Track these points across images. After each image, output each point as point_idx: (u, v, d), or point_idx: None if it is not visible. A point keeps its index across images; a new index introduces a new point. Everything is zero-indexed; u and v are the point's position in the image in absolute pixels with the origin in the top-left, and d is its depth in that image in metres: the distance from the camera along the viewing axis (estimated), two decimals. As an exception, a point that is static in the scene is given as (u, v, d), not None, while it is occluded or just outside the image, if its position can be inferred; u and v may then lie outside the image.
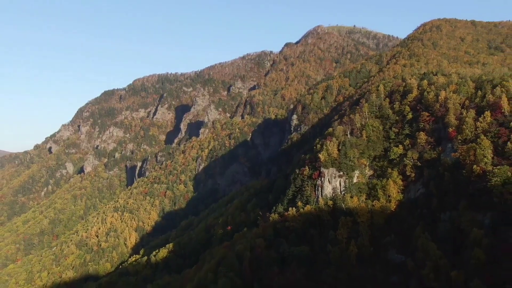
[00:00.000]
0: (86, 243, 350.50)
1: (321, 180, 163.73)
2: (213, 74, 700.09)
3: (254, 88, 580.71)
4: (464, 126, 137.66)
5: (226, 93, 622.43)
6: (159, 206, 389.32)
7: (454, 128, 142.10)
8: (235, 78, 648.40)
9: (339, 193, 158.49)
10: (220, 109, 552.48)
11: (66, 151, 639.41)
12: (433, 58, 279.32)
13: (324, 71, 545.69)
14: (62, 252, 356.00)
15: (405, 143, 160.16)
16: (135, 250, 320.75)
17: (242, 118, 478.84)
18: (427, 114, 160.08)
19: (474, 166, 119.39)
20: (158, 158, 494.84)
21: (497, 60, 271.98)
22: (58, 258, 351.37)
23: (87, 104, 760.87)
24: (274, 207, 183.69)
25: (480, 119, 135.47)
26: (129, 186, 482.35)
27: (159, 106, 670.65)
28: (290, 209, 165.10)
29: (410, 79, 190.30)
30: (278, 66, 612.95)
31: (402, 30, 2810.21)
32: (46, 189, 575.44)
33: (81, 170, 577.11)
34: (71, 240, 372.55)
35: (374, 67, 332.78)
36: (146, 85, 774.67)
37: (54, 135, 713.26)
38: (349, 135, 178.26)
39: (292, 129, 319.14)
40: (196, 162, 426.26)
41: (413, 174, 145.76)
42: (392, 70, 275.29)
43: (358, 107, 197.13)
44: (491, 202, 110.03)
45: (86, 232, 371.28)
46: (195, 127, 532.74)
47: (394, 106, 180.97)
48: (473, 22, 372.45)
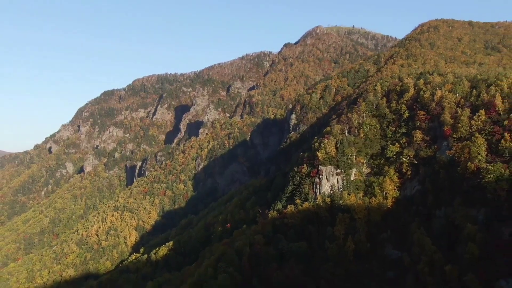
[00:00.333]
0: (87, 242, 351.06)
1: (319, 177, 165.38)
2: (212, 75, 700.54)
3: (253, 88, 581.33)
4: (459, 125, 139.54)
5: (225, 93, 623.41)
6: (159, 205, 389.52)
7: (449, 126, 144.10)
8: (234, 79, 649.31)
9: (337, 190, 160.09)
10: (219, 109, 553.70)
11: (66, 151, 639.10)
12: (430, 58, 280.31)
13: (323, 71, 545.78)
14: (62, 250, 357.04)
15: (401, 141, 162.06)
16: (135, 248, 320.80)
17: (241, 118, 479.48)
18: (423, 113, 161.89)
19: (469, 164, 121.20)
20: (158, 157, 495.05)
21: (493, 60, 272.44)
22: (58, 256, 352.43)
23: (87, 104, 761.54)
24: (273, 205, 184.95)
25: (474, 118, 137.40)
26: (129, 186, 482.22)
27: (159, 106, 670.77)
28: (288, 206, 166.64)
29: (407, 79, 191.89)
30: (277, 67, 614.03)
31: (401, 30, 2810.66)
32: (46, 188, 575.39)
33: (81, 170, 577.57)
34: (72, 239, 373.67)
35: (372, 67, 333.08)
36: (145, 85, 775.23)
37: (54, 135, 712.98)
38: (346, 134, 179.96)
39: (290, 128, 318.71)
40: (195, 161, 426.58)
41: (409, 172, 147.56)
42: (389, 70, 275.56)
43: (355, 106, 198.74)
44: (485, 198, 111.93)
45: (87, 231, 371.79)
46: (195, 127, 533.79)
47: (391, 105, 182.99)
48: (470, 23, 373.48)
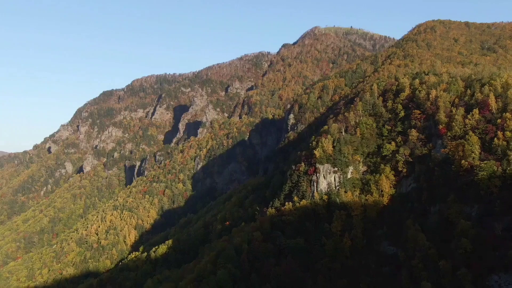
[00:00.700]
0: (86, 241, 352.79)
1: (316, 175, 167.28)
2: (211, 75, 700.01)
3: (251, 88, 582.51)
4: (453, 123, 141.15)
5: (224, 93, 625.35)
6: (158, 204, 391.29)
7: (444, 125, 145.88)
8: (233, 79, 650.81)
9: (334, 188, 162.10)
10: (218, 109, 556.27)
11: (65, 151, 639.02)
12: (427, 58, 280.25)
13: (320, 72, 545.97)
14: (62, 249, 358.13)
15: (397, 140, 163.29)
16: (135, 247, 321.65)
17: (240, 118, 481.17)
18: (419, 112, 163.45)
19: (463, 161, 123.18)
20: (157, 157, 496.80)
21: (489, 60, 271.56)
22: (58, 255, 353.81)
23: (86, 104, 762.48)
24: (271, 202, 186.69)
25: (468, 117, 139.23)
26: (128, 185, 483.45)
27: (158, 106, 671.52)
28: (286, 203, 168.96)
29: (403, 79, 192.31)
30: (276, 67, 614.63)
31: (399, 31, 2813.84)
32: (45, 188, 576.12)
33: (80, 170, 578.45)
34: (71, 238, 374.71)
35: (370, 68, 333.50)
36: (144, 85, 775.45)
37: (53, 135, 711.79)
38: (343, 133, 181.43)
39: (289, 128, 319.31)
40: (194, 161, 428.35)
41: (405, 170, 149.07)
42: (386, 70, 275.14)
43: (352, 106, 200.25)
44: (478, 195, 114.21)
45: (86, 230, 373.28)
46: (193, 127, 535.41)
47: (387, 104, 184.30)
48: (466, 24, 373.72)
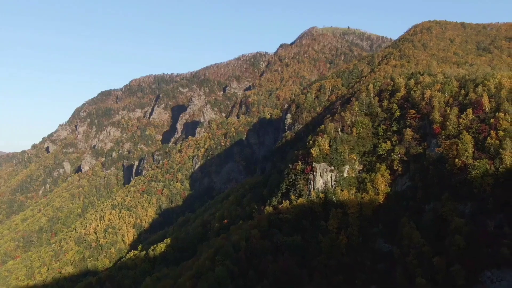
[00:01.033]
0: (85, 240, 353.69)
1: (313, 174, 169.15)
2: (208, 75, 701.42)
3: (249, 88, 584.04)
4: (447, 123, 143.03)
5: (221, 93, 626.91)
6: (156, 203, 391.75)
7: (438, 124, 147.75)
8: (231, 79, 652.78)
9: (330, 186, 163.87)
10: (215, 109, 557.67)
11: (64, 151, 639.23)
12: (423, 59, 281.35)
13: (318, 72, 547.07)
14: (61, 248, 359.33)
15: (392, 139, 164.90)
16: (133, 246, 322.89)
17: (238, 118, 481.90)
18: (414, 111, 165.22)
19: (456, 160, 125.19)
20: (155, 157, 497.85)
21: (484, 61, 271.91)
22: (57, 254, 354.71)
23: (84, 104, 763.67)
24: (268, 201, 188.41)
25: (462, 116, 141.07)
26: (126, 185, 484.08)
27: (156, 106, 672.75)
28: (283, 202, 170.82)
29: (398, 79, 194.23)
30: (273, 67, 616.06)
31: (396, 31, 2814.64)
32: (44, 188, 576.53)
33: (78, 169, 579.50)
34: (70, 237, 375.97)
35: (366, 68, 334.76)
36: (142, 85, 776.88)
37: (51, 135, 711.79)
38: (340, 132, 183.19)
39: (286, 128, 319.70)
40: (192, 161, 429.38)
41: (400, 168, 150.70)
42: (383, 71, 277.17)
43: (349, 106, 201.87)
44: (471, 193, 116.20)
45: (85, 229, 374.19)
46: (191, 127, 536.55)
47: (383, 104, 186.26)
48: (462, 24, 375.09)
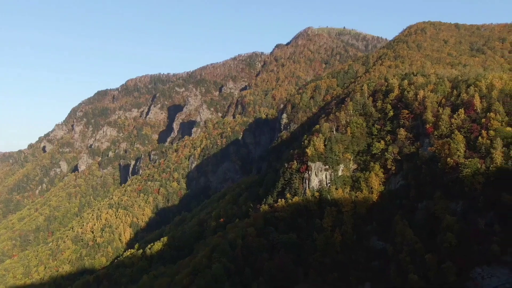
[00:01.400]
0: (82, 239, 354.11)
1: (308, 173, 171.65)
2: (205, 75, 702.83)
3: (245, 88, 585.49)
4: (440, 123, 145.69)
5: (217, 93, 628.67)
6: (153, 202, 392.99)
7: (431, 124, 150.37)
8: (227, 79, 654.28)
9: (325, 185, 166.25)
10: (212, 109, 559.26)
11: (60, 150, 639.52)
12: (417, 59, 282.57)
13: (313, 72, 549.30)
14: (58, 247, 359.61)
15: (386, 139, 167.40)
16: (130, 245, 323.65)
17: (234, 117, 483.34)
18: (407, 111, 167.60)
19: (448, 159, 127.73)
20: (152, 156, 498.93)
21: (478, 61, 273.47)
22: (54, 253, 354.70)
23: (81, 104, 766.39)
24: (264, 199, 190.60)
25: (454, 116, 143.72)
26: (123, 184, 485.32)
27: (152, 106, 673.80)
28: (279, 200, 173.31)
29: (392, 79, 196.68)
30: (269, 67, 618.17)
31: (392, 31, 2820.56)
32: (40, 187, 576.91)
33: (75, 169, 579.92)
34: (67, 235, 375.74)
35: (361, 68, 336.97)
36: (138, 85, 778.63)
37: (48, 135, 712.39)
38: (334, 132, 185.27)
39: (282, 127, 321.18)
40: (188, 160, 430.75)
41: (393, 167, 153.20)
42: (377, 71, 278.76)
43: (343, 106, 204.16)
44: (463, 191, 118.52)
45: (82, 228, 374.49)
46: (188, 127, 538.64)
47: (377, 104, 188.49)
48: (456, 25, 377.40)
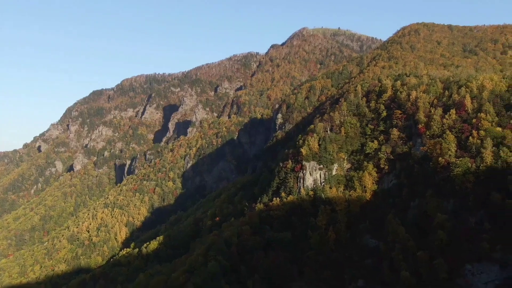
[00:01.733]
0: (78, 238, 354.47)
1: (303, 172, 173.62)
2: (200, 75, 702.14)
3: (240, 88, 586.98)
4: (432, 123, 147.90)
5: (213, 93, 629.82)
6: (148, 202, 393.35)
7: (423, 124, 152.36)
8: (222, 79, 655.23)
9: (319, 184, 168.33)
10: (207, 109, 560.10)
11: (56, 150, 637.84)
12: (410, 60, 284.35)
13: (308, 72, 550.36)
14: (54, 246, 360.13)
15: (379, 139, 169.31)
16: (126, 244, 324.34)
17: (229, 117, 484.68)
18: (400, 112, 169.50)
19: (440, 159, 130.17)
20: (147, 156, 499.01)
21: (470, 62, 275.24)
22: (50, 252, 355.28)
23: (76, 103, 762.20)
24: (259, 198, 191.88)
25: (446, 117, 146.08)
26: (118, 184, 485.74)
27: (147, 106, 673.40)
28: (274, 199, 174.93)
29: (385, 80, 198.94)
30: (264, 67, 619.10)
31: (387, 31, 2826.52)
32: (36, 187, 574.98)
33: (70, 168, 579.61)
34: (63, 235, 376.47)
35: (355, 69, 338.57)
36: (134, 85, 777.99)
37: (43, 134, 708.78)
38: (329, 131, 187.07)
39: (277, 127, 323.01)
40: (184, 160, 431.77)
41: (386, 167, 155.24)
42: (371, 72, 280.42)
43: (337, 106, 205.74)
44: (454, 190, 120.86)
45: (77, 227, 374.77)
46: (183, 127, 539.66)
47: (370, 104, 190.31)
48: (449, 27, 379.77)
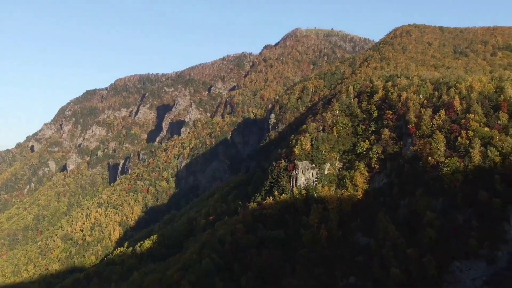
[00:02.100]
0: (71, 237, 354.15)
1: (295, 171, 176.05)
2: (193, 75, 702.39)
3: (234, 88, 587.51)
4: (422, 123, 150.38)
5: (206, 93, 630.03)
6: (142, 201, 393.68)
7: (413, 125, 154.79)
8: (216, 79, 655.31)
9: (312, 183, 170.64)
10: (201, 109, 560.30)
11: (49, 150, 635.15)
12: (402, 61, 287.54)
13: (301, 73, 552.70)
14: (47, 246, 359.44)
15: (371, 139, 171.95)
16: (119, 243, 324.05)
17: (223, 117, 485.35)
18: (391, 112, 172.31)
19: (429, 158, 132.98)
20: (141, 156, 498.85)
21: (461, 64, 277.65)
22: (43, 251, 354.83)
23: (69, 103, 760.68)
24: (253, 197, 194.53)
25: (436, 117, 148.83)
26: (112, 183, 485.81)
27: (141, 105, 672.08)
28: (267, 198, 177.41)
29: (377, 81, 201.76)
30: (258, 68, 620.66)
31: (379, 32, 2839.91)
32: (29, 186, 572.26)
33: (63, 168, 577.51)
34: (56, 234, 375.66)
35: (348, 70, 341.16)
36: (127, 85, 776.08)
37: (36, 134, 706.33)
38: (321, 131, 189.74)
39: (270, 127, 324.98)
40: (177, 159, 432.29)
41: (377, 166, 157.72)
42: (363, 73, 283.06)
43: (330, 106, 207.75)
44: (443, 189, 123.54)
45: (71, 226, 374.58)
46: (177, 126, 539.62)
47: (362, 105, 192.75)
48: (441, 28, 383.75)
